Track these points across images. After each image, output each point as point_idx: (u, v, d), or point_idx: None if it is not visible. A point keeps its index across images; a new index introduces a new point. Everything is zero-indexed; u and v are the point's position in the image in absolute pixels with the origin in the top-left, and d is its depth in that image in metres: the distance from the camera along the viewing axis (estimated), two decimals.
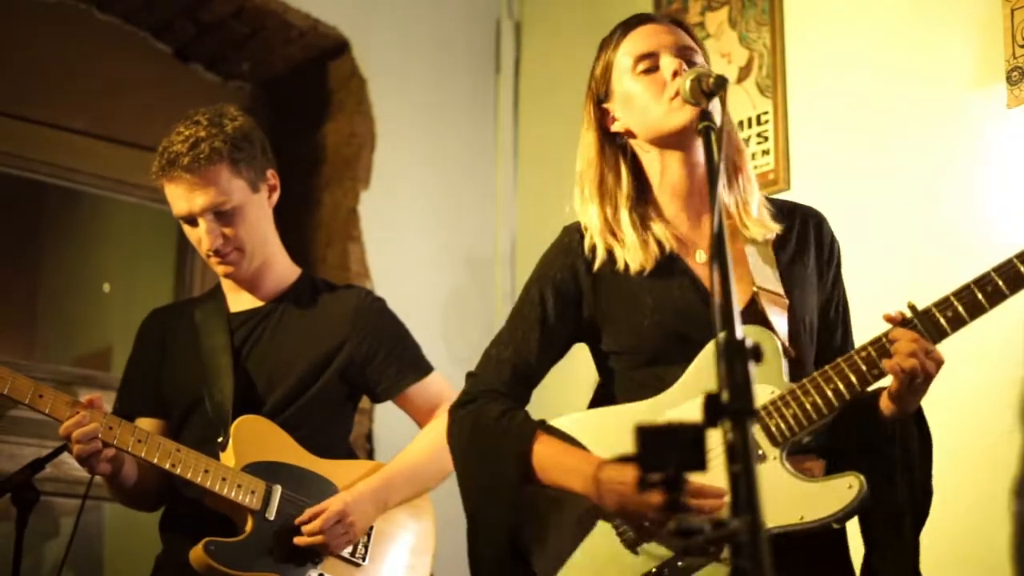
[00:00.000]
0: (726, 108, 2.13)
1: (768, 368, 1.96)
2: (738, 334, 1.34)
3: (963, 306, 1.87)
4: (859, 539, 2.05)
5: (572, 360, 2.26)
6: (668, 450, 1.30)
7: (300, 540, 2.53)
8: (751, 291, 2.06)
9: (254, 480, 2.54)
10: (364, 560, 2.62)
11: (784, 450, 1.94)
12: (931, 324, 1.88)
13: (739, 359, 1.31)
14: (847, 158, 3.13)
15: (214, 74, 4.11)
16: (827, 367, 1.94)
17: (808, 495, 1.91)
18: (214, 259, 2.67)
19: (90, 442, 2.41)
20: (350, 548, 2.60)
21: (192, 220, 2.63)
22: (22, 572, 2.48)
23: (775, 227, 2.14)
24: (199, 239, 2.65)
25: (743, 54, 3.43)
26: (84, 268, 4.27)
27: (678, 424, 1.31)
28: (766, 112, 3.32)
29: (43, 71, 3.77)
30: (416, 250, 3.98)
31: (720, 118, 1.92)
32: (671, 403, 2.03)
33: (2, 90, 3.67)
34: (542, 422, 2.12)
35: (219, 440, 2.59)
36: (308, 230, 3.99)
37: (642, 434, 1.32)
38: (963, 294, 1.88)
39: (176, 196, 2.62)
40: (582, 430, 2.10)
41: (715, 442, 1.31)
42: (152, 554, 2.72)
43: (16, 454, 3.35)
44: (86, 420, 2.42)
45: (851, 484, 1.89)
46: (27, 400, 2.42)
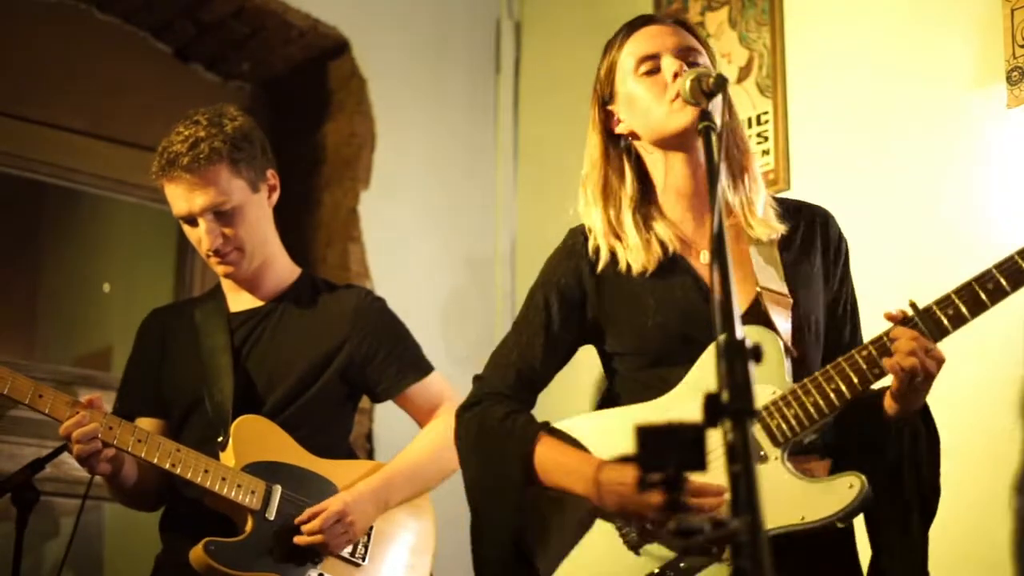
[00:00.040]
0: (733, 108, 2.13)
1: (770, 368, 1.96)
2: (738, 334, 1.34)
3: (964, 304, 1.87)
4: (867, 539, 2.05)
5: (573, 361, 2.26)
6: (668, 450, 1.30)
7: (300, 539, 2.52)
8: (755, 291, 2.06)
9: (254, 480, 2.54)
10: (364, 560, 2.61)
11: (786, 450, 1.94)
12: (932, 322, 1.88)
13: (739, 359, 1.31)
14: (847, 158, 3.13)
15: (214, 74, 4.11)
16: (828, 366, 1.94)
17: (809, 495, 1.90)
18: (214, 259, 2.66)
19: (90, 442, 2.41)
20: (350, 548, 2.59)
21: (192, 220, 2.63)
22: (22, 572, 2.48)
23: (780, 227, 2.13)
24: (199, 239, 2.65)
25: (743, 54, 3.43)
26: (84, 268, 4.27)
27: (678, 424, 1.30)
28: (766, 112, 3.32)
29: (43, 71, 3.77)
30: (416, 250, 3.98)
31: (720, 119, 1.92)
32: (675, 404, 2.03)
33: (2, 90, 3.67)
34: (545, 424, 2.12)
35: (219, 440, 2.59)
36: (308, 230, 3.99)
37: (642, 434, 1.31)
38: (964, 292, 1.87)
39: (176, 196, 2.62)
40: (586, 432, 2.10)
41: (716, 442, 1.31)
42: (152, 554, 2.72)
43: (16, 454, 3.35)
44: (86, 420, 2.41)
45: (851, 484, 1.88)
46: (27, 400, 2.42)
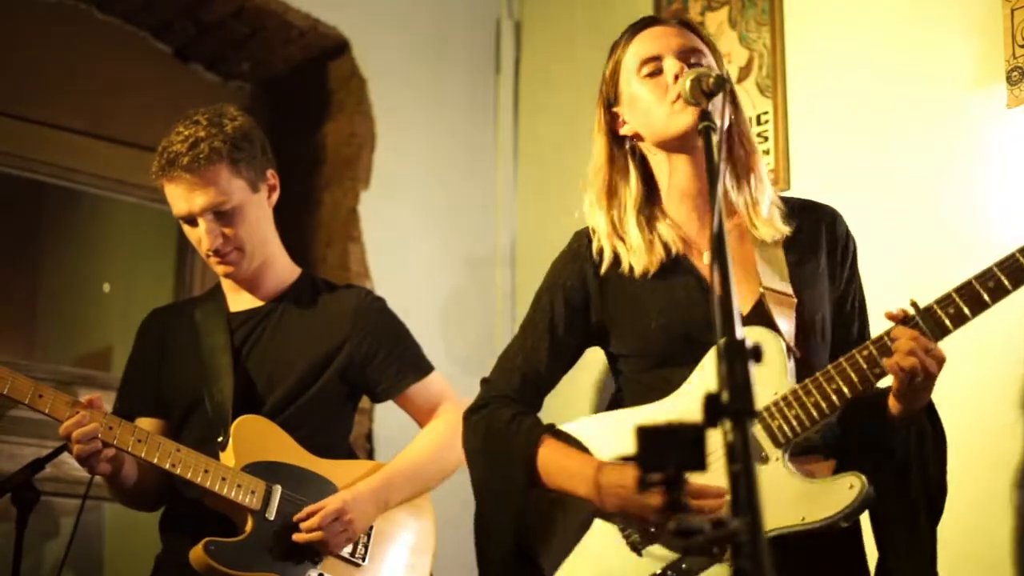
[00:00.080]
0: (739, 108, 2.12)
1: (772, 369, 1.96)
2: (738, 334, 1.33)
3: (965, 302, 1.86)
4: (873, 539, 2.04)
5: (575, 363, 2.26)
6: (668, 450, 1.30)
7: (299, 537, 2.52)
8: (758, 292, 2.05)
9: (254, 480, 2.54)
10: (364, 560, 2.61)
11: (787, 451, 1.94)
12: (933, 321, 1.88)
13: (739, 359, 1.31)
14: (847, 158, 3.13)
15: (214, 74, 4.11)
16: (829, 366, 1.93)
17: (810, 496, 1.90)
18: (214, 259, 2.66)
19: (90, 442, 2.41)
20: (350, 547, 2.59)
21: (192, 220, 2.63)
22: (22, 572, 2.47)
23: (785, 228, 2.13)
24: (199, 239, 2.65)
25: (743, 54, 3.43)
26: (84, 268, 4.27)
27: (678, 424, 1.30)
28: (766, 112, 3.32)
29: (43, 71, 3.77)
30: (416, 250, 3.98)
31: (722, 119, 1.92)
32: (678, 405, 2.03)
33: (2, 90, 3.67)
34: (550, 427, 2.12)
35: (219, 440, 2.59)
36: (308, 230, 3.99)
37: (642, 434, 1.31)
38: (965, 290, 1.87)
39: (176, 196, 2.62)
40: (592, 434, 2.10)
41: (717, 443, 1.31)
42: (152, 554, 2.72)
43: (16, 454, 3.35)
44: (86, 420, 2.41)
45: (852, 484, 1.88)
46: (27, 400, 2.42)
